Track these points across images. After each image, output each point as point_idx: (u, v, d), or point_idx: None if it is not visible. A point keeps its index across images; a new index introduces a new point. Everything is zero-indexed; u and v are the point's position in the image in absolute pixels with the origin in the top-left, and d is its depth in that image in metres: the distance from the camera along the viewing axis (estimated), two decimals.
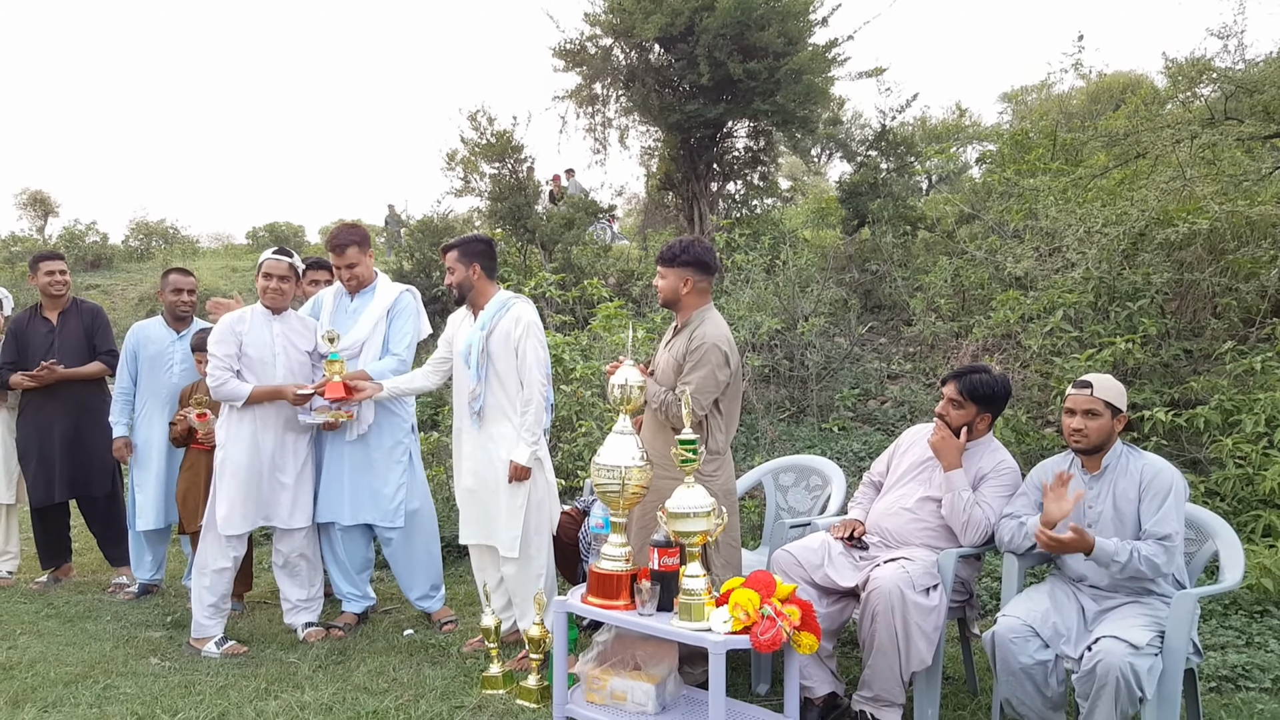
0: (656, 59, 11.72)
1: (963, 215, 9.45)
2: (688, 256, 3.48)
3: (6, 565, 5.36)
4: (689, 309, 3.53)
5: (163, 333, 4.95)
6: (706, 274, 3.54)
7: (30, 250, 20.81)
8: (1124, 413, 3.02)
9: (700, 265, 3.50)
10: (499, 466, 3.78)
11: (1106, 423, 2.99)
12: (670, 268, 3.51)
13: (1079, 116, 11.67)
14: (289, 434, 4.19)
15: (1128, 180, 6.90)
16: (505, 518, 3.77)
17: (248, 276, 18.97)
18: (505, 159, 12.24)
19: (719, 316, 3.55)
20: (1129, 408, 3.22)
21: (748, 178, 12.95)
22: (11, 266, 20.00)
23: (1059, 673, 2.83)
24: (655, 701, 3.09)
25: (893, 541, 3.35)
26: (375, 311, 4.29)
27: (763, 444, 6.56)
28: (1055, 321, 5.54)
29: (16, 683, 3.67)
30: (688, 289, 3.50)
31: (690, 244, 3.53)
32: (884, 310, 9.65)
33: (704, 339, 3.38)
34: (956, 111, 15.87)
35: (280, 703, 3.44)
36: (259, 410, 4.11)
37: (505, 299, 3.90)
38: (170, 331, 4.95)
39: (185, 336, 4.92)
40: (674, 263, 3.49)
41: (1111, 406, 2.99)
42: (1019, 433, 5.25)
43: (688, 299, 3.51)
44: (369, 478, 4.26)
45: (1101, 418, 2.99)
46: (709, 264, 3.53)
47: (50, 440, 5.04)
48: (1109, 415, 2.99)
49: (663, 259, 3.54)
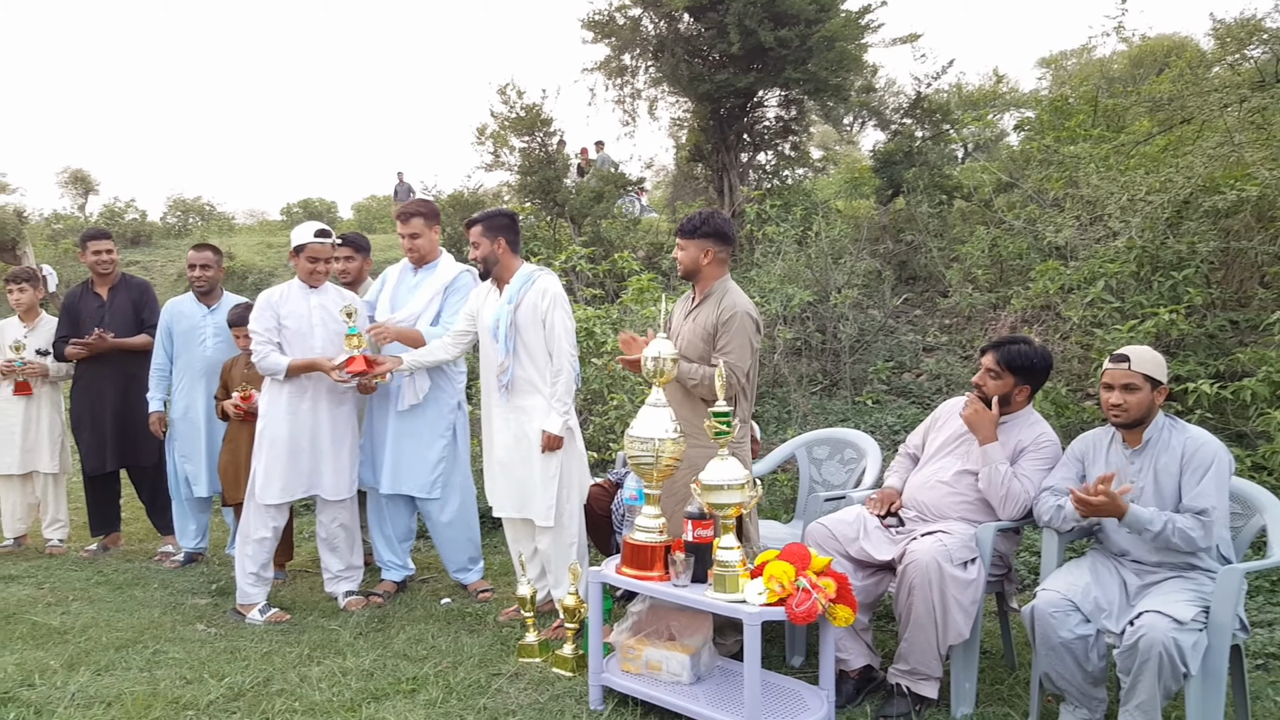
0: (686, 28, 11.60)
1: (1000, 184, 9.28)
2: (708, 228, 3.53)
3: (57, 534, 5.52)
4: (709, 280, 3.57)
5: (194, 307, 5.05)
6: (726, 245, 3.58)
7: (72, 228, 21.22)
8: (1164, 385, 2.95)
9: (720, 236, 3.55)
10: (531, 438, 3.82)
11: (1146, 396, 2.92)
12: (691, 239, 3.55)
13: (1121, 81, 11.36)
14: (331, 405, 4.25)
15: (1172, 146, 6.72)
16: (539, 488, 3.81)
17: (283, 253, 19.17)
18: (535, 133, 12.22)
19: (738, 288, 3.60)
20: (1172, 380, 3.15)
21: (779, 148, 12.81)
22: (55, 244, 20.38)
23: (1100, 647, 2.79)
24: (690, 672, 3.10)
25: (930, 515, 3.32)
26: (432, 287, 4.35)
27: (795, 417, 6.53)
28: (1096, 292, 5.43)
29: (71, 647, 3.78)
30: (708, 260, 3.54)
31: (710, 215, 3.59)
32: (919, 281, 9.54)
33: (734, 308, 3.42)
34: (993, 77, 15.52)
35: (323, 668, 3.50)
36: (299, 382, 4.17)
37: (530, 272, 3.93)
38: (201, 306, 5.05)
39: (216, 310, 5.02)
40: (695, 234, 3.54)
41: (1151, 379, 2.91)
42: (1059, 405, 5.18)
43: (708, 270, 3.56)
44: (411, 448, 4.32)
45: (1140, 391, 2.92)
46: (729, 235, 3.59)
47: (102, 410, 5.20)
48: (1148, 389, 2.92)
49: (683, 231, 3.59)
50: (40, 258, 17.44)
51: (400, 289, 4.44)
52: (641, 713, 3.10)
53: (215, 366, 4.93)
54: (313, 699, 3.23)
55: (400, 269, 4.51)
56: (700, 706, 2.95)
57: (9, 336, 5.42)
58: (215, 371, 4.91)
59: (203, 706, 3.18)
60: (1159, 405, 2.96)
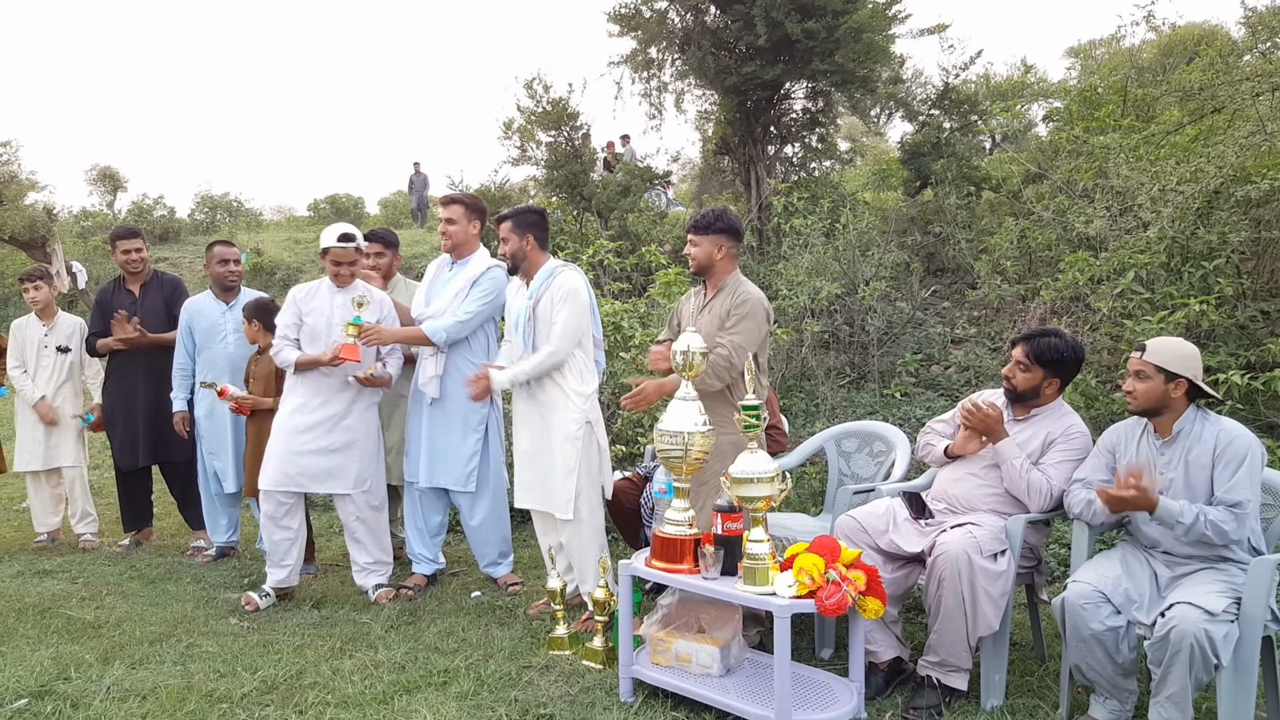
0: (712, 21, 11.55)
1: (1029, 175, 9.19)
2: (722, 224, 3.65)
3: (88, 528, 5.61)
4: (721, 274, 3.68)
5: (213, 305, 5.10)
6: (737, 241, 3.70)
7: (101, 225, 21.51)
8: (1182, 378, 2.89)
9: (733, 232, 3.67)
10: (552, 431, 3.86)
11: (1156, 386, 2.91)
12: (705, 235, 3.64)
13: (1151, 71, 11.23)
14: (346, 404, 4.31)
15: (1203, 136, 6.62)
16: (560, 480, 3.85)
17: (311, 249, 19.34)
18: (561, 127, 12.23)
19: (748, 280, 3.72)
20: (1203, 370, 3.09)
21: (806, 140, 12.73)
22: (84, 240, 20.68)
23: (1130, 639, 2.78)
24: (720, 664, 3.12)
25: (959, 508, 3.32)
26: (460, 281, 4.38)
27: (823, 410, 6.52)
28: (1126, 283, 5.37)
29: (105, 641, 3.85)
30: (721, 255, 3.65)
31: (723, 212, 3.72)
32: (947, 273, 9.47)
33: (748, 296, 3.57)
34: (1022, 68, 15.36)
35: (355, 661, 3.55)
36: (312, 379, 4.26)
37: (553, 268, 3.96)
38: (220, 303, 5.10)
39: (235, 306, 5.06)
40: (709, 230, 3.64)
41: (1164, 371, 2.89)
42: (1088, 397, 5.14)
43: (720, 265, 3.67)
44: (445, 442, 4.37)
45: (1150, 381, 2.91)
46: (740, 230, 3.72)
47: (134, 406, 5.29)
48: (1160, 379, 2.90)
49: (696, 227, 3.67)
50: (70, 255, 17.74)
51: (435, 283, 4.49)
52: (672, 705, 3.12)
53: (238, 363, 4.99)
54: (345, 691, 3.27)
55: (438, 264, 4.55)
56: (730, 698, 2.96)
57: (30, 335, 5.53)
58: (239, 368, 4.97)
59: (237, 699, 3.23)
60: (1174, 397, 2.92)
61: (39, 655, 3.67)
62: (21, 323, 5.61)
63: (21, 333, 5.55)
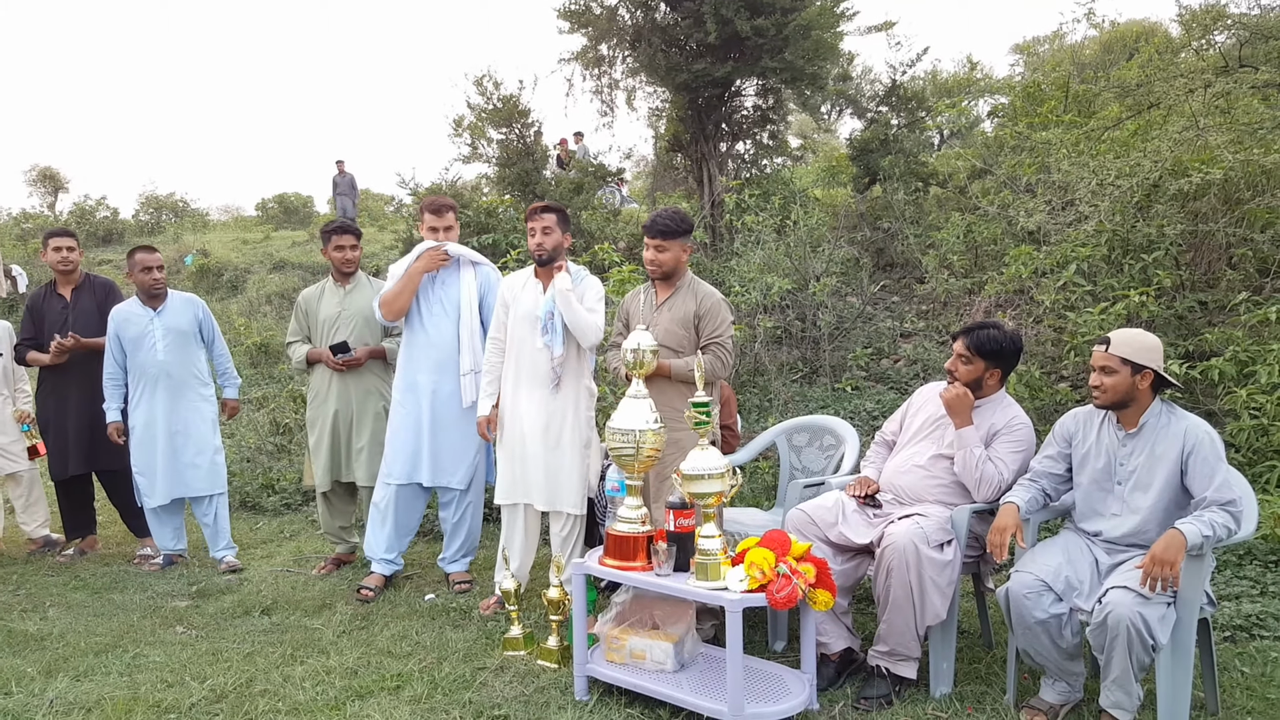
0: (663, 18, 11.58)
1: (975, 170, 9.36)
2: (685, 226, 3.77)
3: (45, 529, 5.53)
4: (680, 274, 3.79)
5: (140, 311, 4.95)
6: (691, 240, 3.84)
7: (42, 227, 20.93)
8: (1148, 369, 2.92)
9: (691, 232, 3.79)
10: (570, 429, 3.92)
11: (1124, 379, 2.92)
12: (674, 239, 3.71)
13: (1092, 67, 11.46)
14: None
15: (1141, 131, 6.80)
16: (572, 478, 3.91)
17: (258, 249, 19.03)
18: (513, 124, 12.18)
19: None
20: None
21: (757, 137, 12.83)
22: (24, 243, 20.10)
23: (1073, 625, 2.84)
24: (674, 660, 3.14)
25: (906, 499, 3.37)
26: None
27: (776, 405, 6.58)
28: (1068, 275, 5.50)
29: (48, 653, 3.75)
30: (685, 256, 3.79)
31: (683, 214, 3.81)
32: (896, 268, 9.61)
33: (712, 296, 3.71)
34: (968, 65, 15.63)
35: (306, 668, 3.50)
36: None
37: (580, 270, 4.05)
38: (147, 310, 4.95)
39: (163, 313, 4.94)
40: (675, 235, 3.71)
41: (1130, 363, 2.92)
42: (1032, 388, 5.25)
43: (681, 266, 3.78)
44: (450, 439, 4.34)
45: (1118, 374, 2.93)
46: (692, 230, 3.82)
47: (65, 414, 5.14)
48: (1127, 372, 2.92)
49: (663, 232, 3.70)
50: (9, 258, 17.21)
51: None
52: (626, 702, 3.12)
53: (168, 371, 4.88)
54: (296, 699, 3.22)
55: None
56: (684, 693, 2.98)
57: None
58: (168, 376, 4.88)
59: (185, 709, 3.17)
60: (1141, 389, 2.94)
61: None
62: None
63: None
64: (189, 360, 4.98)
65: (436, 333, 4.35)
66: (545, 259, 3.95)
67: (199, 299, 5.22)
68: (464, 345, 4.33)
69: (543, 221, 3.94)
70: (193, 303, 5.12)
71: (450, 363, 4.34)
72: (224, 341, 5.27)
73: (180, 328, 4.96)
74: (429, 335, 4.35)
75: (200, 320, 5.09)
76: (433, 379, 4.34)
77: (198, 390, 5.00)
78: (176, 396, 4.92)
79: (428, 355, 4.35)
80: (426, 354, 4.36)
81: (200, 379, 5.03)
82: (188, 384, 4.96)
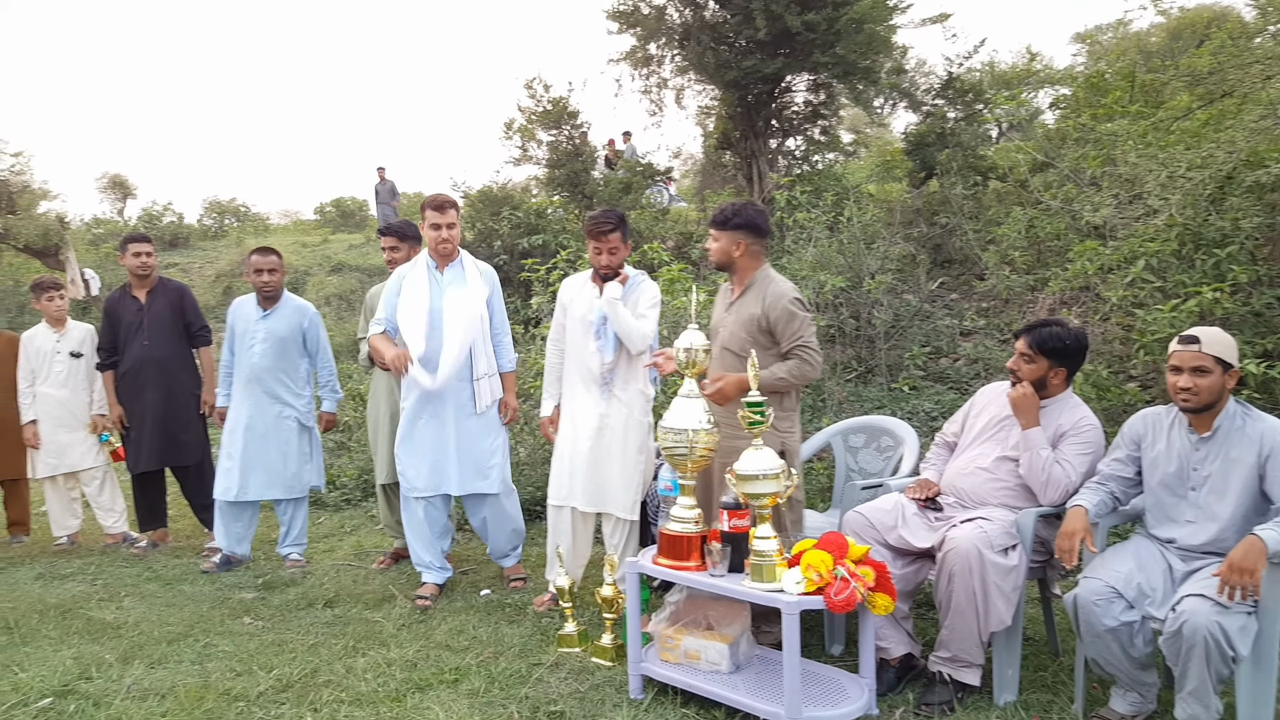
0: (711, 15, 11.52)
1: (1036, 164, 9.12)
2: (740, 219, 3.54)
3: (120, 525, 5.70)
4: (745, 272, 3.59)
5: (252, 311, 5.04)
6: (759, 237, 3.58)
7: (113, 232, 21.63)
8: (1235, 368, 2.80)
9: (752, 228, 3.55)
10: (628, 433, 3.92)
11: (1217, 380, 2.78)
12: (723, 230, 3.56)
13: (1159, 55, 11.13)
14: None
15: (1213, 121, 6.56)
16: (626, 483, 3.91)
17: (317, 251, 19.43)
18: (562, 125, 12.24)
19: (778, 275, 3.60)
20: None
21: (808, 133, 12.70)
22: (96, 248, 20.79)
23: (1145, 633, 2.74)
24: (729, 661, 3.11)
25: (969, 502, 3.29)
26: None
27: (830, 405, 6.49)
28: (1137, 271, 5.32)
29: (124, 641, 3.88)
30: (740, 252, 3.56)
31: (742, 207, 3.59)
32: (955, 265, 9.42)
33: (780, 298, 3.45)
34: (1026, 55, 15.26)
35: (368, 660, 3.56)
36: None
37: (638, 275, 4.04)
38: (259, 310, 5.03)
39: (270, 315, 5.00)
40: (726, 226, 3.55)
41: (1222, 362, 2.78)
42: (1099, 388, 5.09)
43: (741, 262, 3.58)
44: (478, 446, 4.31)
45: (1211, 375, 2.78)
46: (761, 227, 3.58)
47: (142, 412, 5.31)
48: (1219, 371, 2.78)
49: (715, 222, 3.60)
50: (82, 262, 17.81)
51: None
52: (681, 701, 3.11)
53: (260, 375, 4.93)
54: (359, 689, 3.28)
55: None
56: (740, 695, 2.95)
57: (41, 345, 5.57)
58: (260, 379, 4.93)
59: (253, 698, 3.25)
60: (1229, 390, 2.82)
61: (61, 655, 3.71)
62: (31, 334, 5.64)
63: (32, 344, 5.58)
64: (283, 366, 5.00)
65: (450, 341, 4.22)
66: (612, 276, 3.94)
67: (312, 309, 5.20)
68: (477, 350, 4.26)
69: (609, 243, 3.92)
70: (303, 311, 5.12)
71: (466, 369, 4.26)
72: (330, 354, 5.26)
73: (281, 333, 4.99)
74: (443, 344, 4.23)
75: (305, 329, 5.09)
76: (452, 388, 4.23)
77: (285, 398, 5.01)
78: (262, 400, 4.97)
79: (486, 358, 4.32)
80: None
81: (291, 387, 5.04)
82: (276, 390, 4.99)
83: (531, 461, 6.17)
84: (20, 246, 16.94)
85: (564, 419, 4.08)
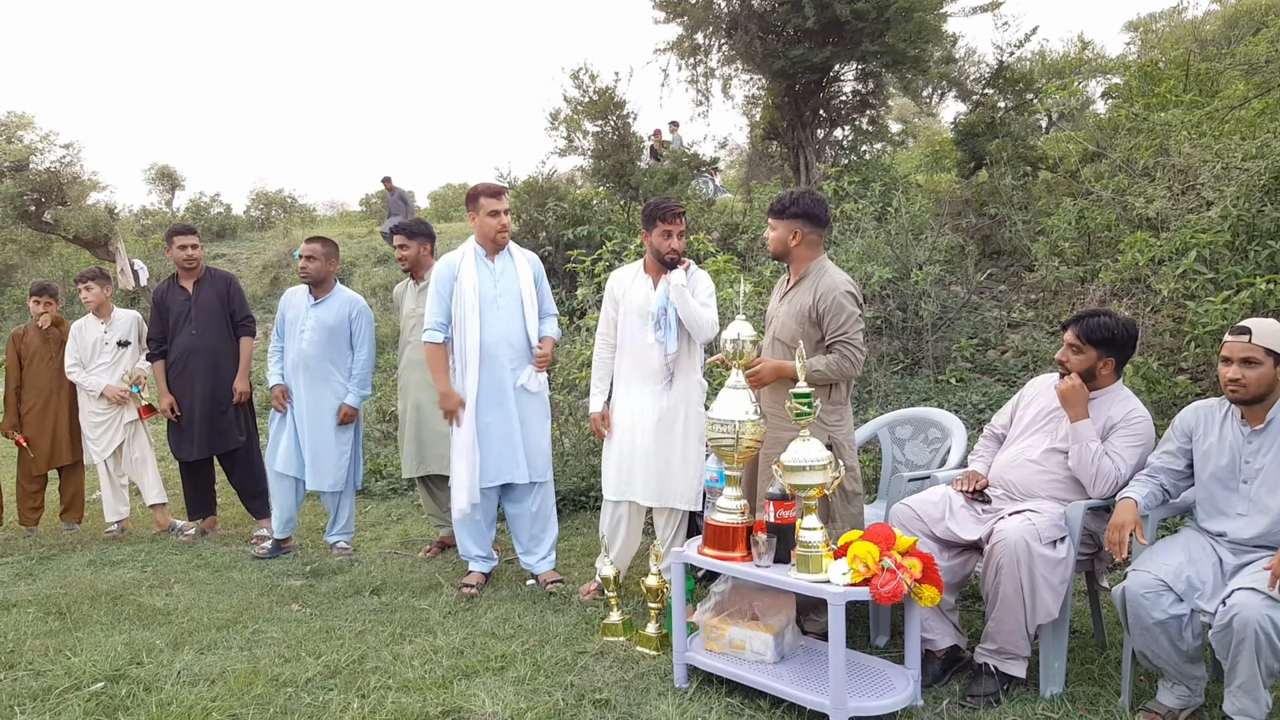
0: (759, 4, 11.46)
1: (1087, 154, 8.96)
2: (797, 209, 3.50)
3: (159, 498, 5.84)
4: (801, 261, 3.55)
5: (303, 299, 5.13)
6: (816, 226, 3.54)
7: (161, 223, 22.05)
8: None
9: (810, 217, 3.51)
10: (688, 424, 3.93)
11: (1268, 371, 2.75)
12: (780, 219, 3.53)
13: (1214, 44, 10.84)
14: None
15: (1269, 110, 6.40)
16: (686, 474, 3.92)
17: (363, 243, 19.65)
18: (608, 116, 12.24)
19: (834, 266, 3.55)
20: None
21: (856, 123, 12.59)
22: (145, 239, 21.23)
23: (1194, 627, 2.71)
24: (774, 651, 3.13)
25: (1018, 494, 3.27)
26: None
27: (876, 397, 6.46)
28: (1189, 263, 5.22)
29: (174, 627, 3.97)
30: (796, 241, 3.52)
31: (800, 196, 3.54)
32: (1003, 256, 9.29)
33: (832, 290, 3.41)
34: (1078, 44, 14.95)
35: (414, 646, 3.62)
36: None
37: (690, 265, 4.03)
38: (309, 298, 5.11)
39: (320, 305, 5.06)
40: (784, 214, 3.52)
41: (1273, 353, 2.74)
42: (1150, 381, 5.01)
43: (798, 251, 3.54)
44: (535, 433, 4.34)
45: (1261, 366, 2.75)
46: (819, 216, 3.53)
47: (191, 401, 5.41)
48: (1270, 364, 2.74)
49: (773, 210, 3.57)
50: (131, 253, 18.20)
51: None
52: (726, 691, 3.13)
53: (308, 362, 4.99)
54: (406, 676, 3.34)
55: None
56: (785, 685, 2.97)
57: (89, 335, 5.72)
58: (309, 366, 4.99)
59: (301, 683, 3.31)
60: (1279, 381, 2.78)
61: (112, 641, 3.80)
62: (80, 324, 5.77)
63: (81, 334, 5.71)
64: (330, 355, 5.04)
65: (507, 328, 4.24)
66: (675, 263, 3.91)
67: (362, 302, 5.22)
68: (531, 333, 4.28)
69: (680, 225, 3.91)
70: (352, 303, 5.15)
71: (525, 355, 4.28)
72: (371, 349, 5.21)
73: (328, 323, 5.03)
74: (504, 331, 4.24)
75: (351, 320, 5.10)
76: (515, 375, 4.25)
77: (334, 387, 5.05)
78: (310, 388, 5.03)
79: (507, 352, 4.24)
80: (505, 350, 4.24)
81: (340, 377, 5.08)
82: (325, 379, 5.03)
83: (576, 452, 6.22)
84: (70, 237, 17.30)
85: (620, 413, 4.05)
